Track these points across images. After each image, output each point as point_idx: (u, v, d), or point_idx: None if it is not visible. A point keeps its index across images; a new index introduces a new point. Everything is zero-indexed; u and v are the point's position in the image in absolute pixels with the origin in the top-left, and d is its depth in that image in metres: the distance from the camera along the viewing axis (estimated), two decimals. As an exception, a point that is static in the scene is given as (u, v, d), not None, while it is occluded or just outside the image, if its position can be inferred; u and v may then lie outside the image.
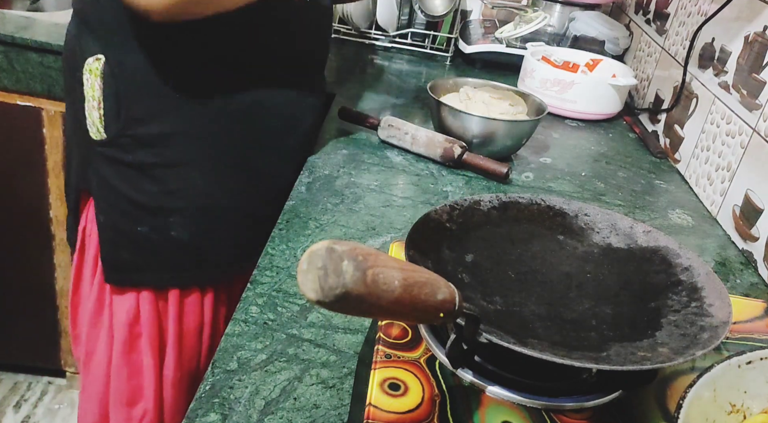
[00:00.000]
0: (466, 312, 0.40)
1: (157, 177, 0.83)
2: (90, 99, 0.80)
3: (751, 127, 0.91)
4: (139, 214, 0.84)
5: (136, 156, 0.81)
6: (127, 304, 0.88)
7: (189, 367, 0.94)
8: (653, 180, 1.08)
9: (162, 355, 0.92)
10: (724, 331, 0.46)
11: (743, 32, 0.98)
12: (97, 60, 0.78)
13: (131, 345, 0.90)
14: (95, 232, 0.87)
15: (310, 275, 0.32)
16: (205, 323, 0.93)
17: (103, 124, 0.80)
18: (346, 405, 0.55)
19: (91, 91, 0.80)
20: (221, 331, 0.94)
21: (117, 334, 0.89)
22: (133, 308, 0.88)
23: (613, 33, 1.50)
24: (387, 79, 1.35)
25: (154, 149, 0.81)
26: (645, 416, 0.47)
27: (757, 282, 0.83)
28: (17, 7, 1.53)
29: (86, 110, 0.81)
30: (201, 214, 0.86)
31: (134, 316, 0.89)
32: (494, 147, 1.00)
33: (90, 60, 0.79)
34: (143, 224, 0.85)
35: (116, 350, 0.90)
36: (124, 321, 0.88)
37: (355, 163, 0.96)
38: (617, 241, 0.61)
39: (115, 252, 0.86)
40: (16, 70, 1.28)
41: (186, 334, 0.92)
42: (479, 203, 0.61)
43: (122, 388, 0.91)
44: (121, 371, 0.90)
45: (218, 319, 0.96)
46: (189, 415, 0.52)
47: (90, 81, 0.79)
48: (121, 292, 0.88)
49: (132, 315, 0.89)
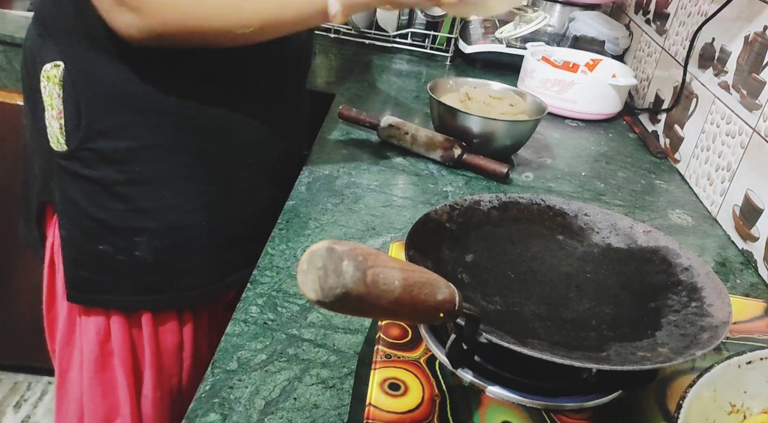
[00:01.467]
0: (466, 312, 0.40)
1: (122, 194, 0.77)
2: (49, 108, 0.75)
3: (751, 127, 0.91)
4: (102, 233, 0.78)
5: (98, 171, 0.76)
6: (96, 324, 0.83)
7: (169, 385, 0.89)
8: (653, 180, 1.08)
9: (138, 374, 0.87)
10: (724, 331, 0.46)
11: (743, 32, 0.98)
12: (55, 67, 0.73)
13: (103, 363, 0.85)
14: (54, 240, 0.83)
15: (310, 275, 0.32)
16: (185, 341, 0.88)
17: (64, 135, 0.75)
18: (346, 405, 0.55)
19: (49, 99, 0.74)
20: (204, 347, 0.91)
21: (87, 352, 0.85)
22: (103, 328, 0.84)
23: (613, 33, 1.50)
24: (387, 79, 1.35)
25: (119, 165, 0.76)
26: (645, 416, 0.47)
27: (757, 282, 0.83)
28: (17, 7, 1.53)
29: (46, 119, 0.76)
30: (170, 234, 0.80)
31: (105, 335, 0.84)
32: (494, 147, 1.00)
33: (47, 66, 0.74)
34: (106, 243, 0.79)
35: (87, 369, 0.85)
36: (94, 339, 0.84)
37: (355, 163, 0.96)
38: (617, 241, 0.61)
39: (77, 270, 0.81)
40: (16, 69, 1.28)
41: (164, 352, 0.87)
42: (479, 203, 0.61)
43: (97, 407, 0.87)
44: (95, 390, 0.86)
45: (199, 337, 0.90)
46: (189, 415, 0.52)
47: (48, 88, 0.74)
48: (88, 312, 0.83)
49: (102, 334, 0.84)
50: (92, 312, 0.83)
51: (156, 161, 0.76)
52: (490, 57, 1.46)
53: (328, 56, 1.44)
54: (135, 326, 0.84)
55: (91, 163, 0.75)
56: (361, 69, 1.40)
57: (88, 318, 0.84)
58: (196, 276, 0.84)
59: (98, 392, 0.86)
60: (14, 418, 1.60)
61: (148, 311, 0.83)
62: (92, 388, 0.86)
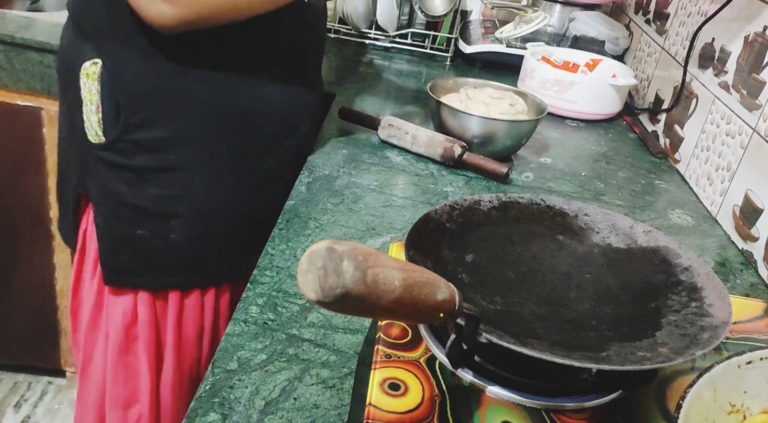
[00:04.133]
0: (466, 312, 0.40)
1: (157, 181, 0.82)
2: (88, 103, 0.79)
3: (751, 127, 0.91)
4: (139, 218, 0.83)
5: (136, 160, 0.81)
6: (124, 306, 0.88)
7: (189, 370, 0.93)
8: (653, 180, 1.08)
9: (159, 359, 0.91)
10: (724, 331, 0.46)
11: (743, 32, 0.98)
12: (93, 64, 0.78)
13: (128, 347, 0.89)
14: (91, 231, 0.87)
15: (310, 275, 0.32)
16: (205, 328, 0.93)
17: (102, 128, 0.80)
18: (346, 405, 0.55)
19: (88, 95, 0.79)
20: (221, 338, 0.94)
21: (113, 336, 0.89)
22: (130, 310, 0.88)
23: (613, 33, 1.50)
24: (387, 79, 1.35)
25: (154, 154, 0.81)
26: (645, 416, 0.47)
27: (757, 282, 0.83)
28: (17, 7, 1.53)
29: (84, 114, 0.80)
30: (201, 218, 0.85)
31: (131, 319, 0.88)
32: (494, 147, 1.00)
33: (87, 64, 0.78)
34: (143, 228, 0.84)
35: (112, 353, 0.89)
36: (121, 323, 0.88)
37: (355, 163, 0.96)
38: (617, 241, 0.61)
39: (114, 255, 0.86)
40: (16, 69, 1.28)
41: (185, 338, 0.91)
42: (479, 203, 0.61)
43: (118, 391, 0.90)
44: (118, 374, 0.90)
45: (218, 324, 0.95)
46: (189, 415, 0.52)
47: (87, 85, 0.79)
48: (118, 294, 0.88)
49: (129, 317, 0.88)
50: (121, 294, 0.87)
51: (188, 149, 0.81)
52: (490, 57, 1.46)
53: (328, 56, 1.44)
54: (161, 308, 0.89)
55: (129, 153, 0.80)
56: (361, 69, 1.40)
57: (117, 300, 0.88)
58: (224, 256, 0.90)
59: (121, 376, 0.90)
60: (14, 418, 1.61)
61: (176, 291, 0.88)
62: (115, 371, 0.90)
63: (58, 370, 1.66)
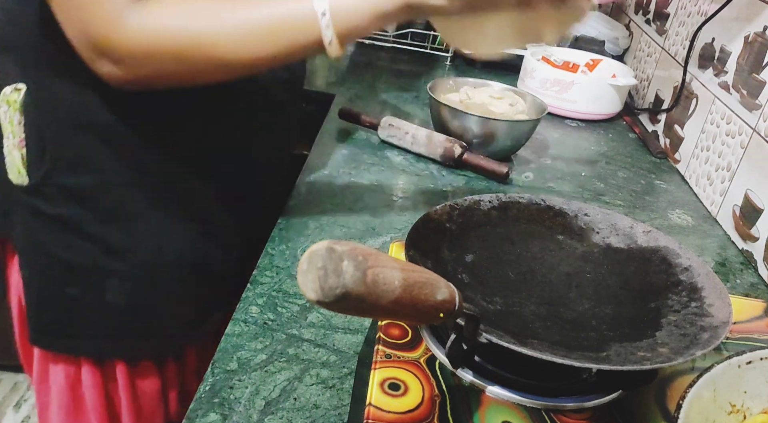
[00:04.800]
0: (466, 312, 0.40)
1: (90, 234, 0.69)
2: (10, 135, 0.67)
3: (751, 127, 0.91)
4: (69, 275, 0.70)
5: (64, 209, 0.68)
6: (65, 369, 0.75)
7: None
8: (653, 180, 1.08)
9: (114, 419, 0.79)
10: (724, 331, 0.46)
11: (743, 32, 0.98)
12: (16, 90, 0.65)
13: (75, 408, 0.77)
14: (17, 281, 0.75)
15: (311, 275, 0.32)
16: (169, 383, 0.80)
17: (26, 166, 0.67)
18: (346, 405, 0.55)
19: (9, 126, 0.66)
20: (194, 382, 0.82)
21: (57, 396, 0.76)
22: (73, 373, 0.75)
23: (613, 33, 1.50)
24: (387, 79, 1.35)
25: (86, 201, 0.68)
26: (645, 416, 0.47)
27: (756, 282, 0.83)
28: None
29: (5, 148, 0.68)
30: (145, 276, 0.72)
31: (75, 380, 0.76)
32: (494, 147, 1.00)
33: (7, 90, 0.65)
34: (73, 286, 0.71)
35: (58, 414, 0.77)
36: (64, 384, 0.75)
37: (355, 163, 0.96)
38: (617, 241, 0.61)
39: (42, 314, 0.73)
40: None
41: (142, 397, 0.78)
42: (479, 203, 0.61)
43: None
44: None
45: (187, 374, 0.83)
46: (189, 416, 0.52)
47: (8, 115, 0.66)
48: (56, 358, 0.75)
49: (72, 378, 0.76)
50: (60, 358, 0.75)
51: (127, 197, 0.69)
52: (490, 57, 1.46)
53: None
54: (109, 375, 0.76)
55: (56, 200, 0.68)
56: (361, 69, 1.40)
57: (57, 363, 0.76)
58: (173, 321, 0.77)
59: None
60: (14, 418, 1.61)
61: (121, 361, 0.75)
62: None
63: (58, 370, 1.66)
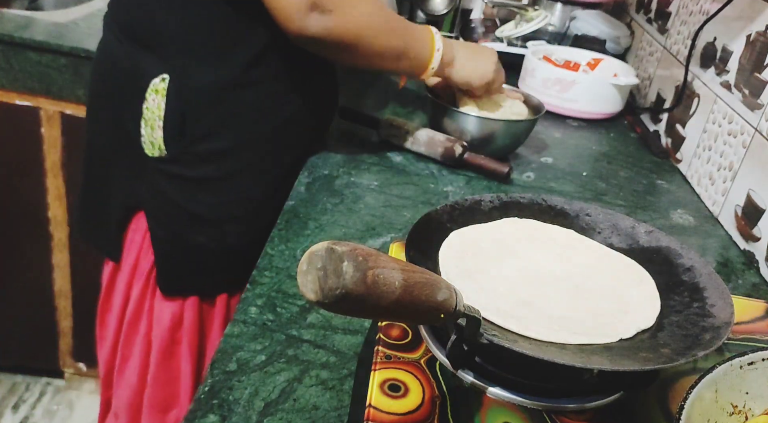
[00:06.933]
0: (467, 313, 0.40)
1: (215, 189, 0.87)
2: (152, 117, 0.82)
3: (753, 126, 0.91)
4: (198, 226, 0.87)
5: (198, 171, 0.85)
6: (171, 311, 0.90)
7: None
8: (655, 180, 1.07)
9: (201, 362, 0.93)
10: (726, 332, 0.46)
11: (745, 31, 0.98)
12: (162, 80, 0.81)
13: (171, 352, 0.91)
14: (136, 241, 0.90)
15: (310, 276, 0.32)
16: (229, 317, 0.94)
17: (165, 141, 0.83)
18: (345, 406, 0.54)
19: (156, 110, 0.81)
20: None
21: (157, 340, 0.91)
22: (177, 315, 0.90)
23: (615, 32, 1.49)
24: (387, 79, 1.35)
25: (215, 164, 0.85)
26: (646, 417, 0.47)
27: (759, 282, 0.83)
28: (16, 7, 1.52)
29: (143, 128, 0.83)
30: (253, 220, 0.90)
31: (177, 322, 0.91)
32: (493, 147, 0.99)
33: (156, 80, 0.81)
34: (202, 235, 0.88)
35: (155, 357, 0.91)
36: (167, 327, 0.90)
37: (355, 163, 0.96)
38: (619, 242, 0.60)
39: (172, 263, 0.89)
40: (14, 69, 1.28)
41: (220, 329, 0.92)
42: (480, 203, 0.60)
43: (158, 395, 0.92)
44: (159, 378, 0.92)
45: None
46: (188, 417, 0.52)
47: (156, 101, 0.81)
48: (165, 299, 0.90)
49: (175, 321, 0.90)
50: (170, 300, 0.90)
51: (241, 158, 0.87)
52: (490, 56, 1.45)
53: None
54: (207, 312, 0.92)
55: (192, 164, 0.85)
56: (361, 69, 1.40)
57: (164, 305, 0.90)
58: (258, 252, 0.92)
59: (161, 380, 0.92)
60: (12, 419, 1.60)
61: (223, 293, 0.92)
62: (156, 376, 0.92)
63: (56, 371, 1.66)
